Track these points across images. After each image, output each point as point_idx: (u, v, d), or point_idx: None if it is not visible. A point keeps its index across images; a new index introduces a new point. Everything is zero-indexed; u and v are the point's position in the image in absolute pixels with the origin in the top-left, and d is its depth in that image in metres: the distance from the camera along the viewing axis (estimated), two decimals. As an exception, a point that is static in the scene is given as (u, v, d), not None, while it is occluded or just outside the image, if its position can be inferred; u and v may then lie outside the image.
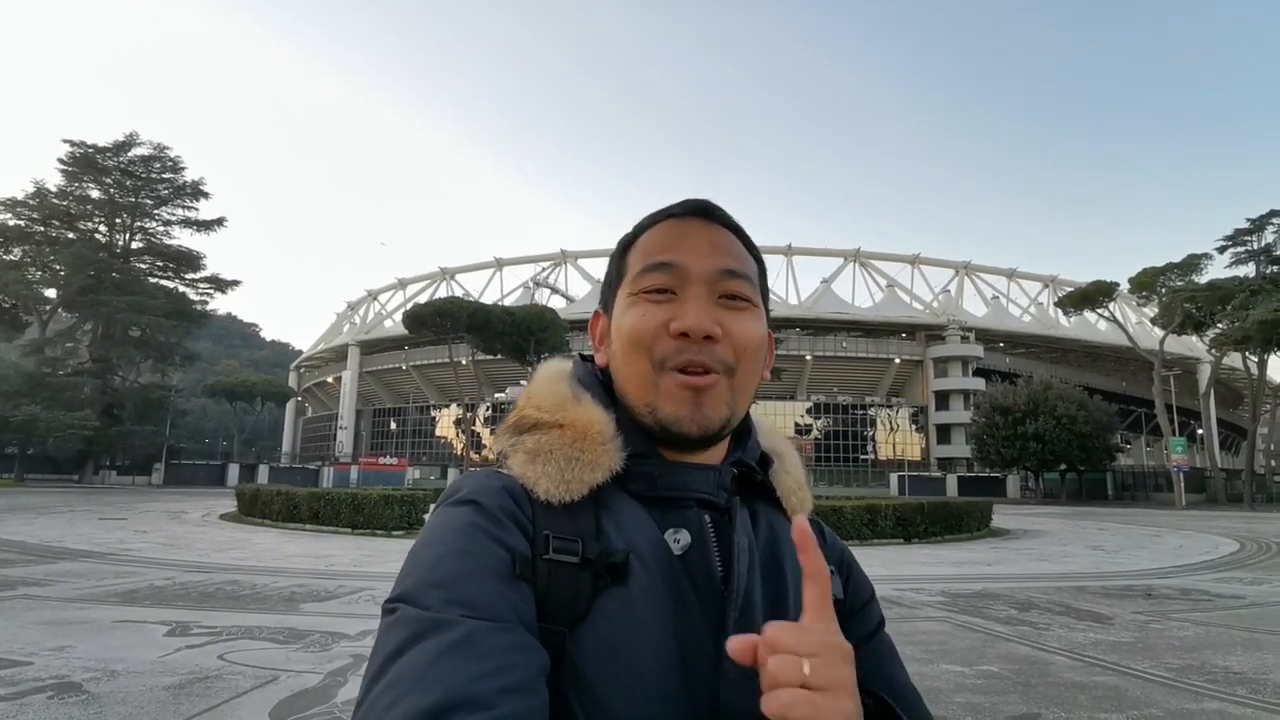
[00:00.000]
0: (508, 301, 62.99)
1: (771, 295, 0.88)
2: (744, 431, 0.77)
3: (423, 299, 58.75)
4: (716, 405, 0.69)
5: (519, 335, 45.22)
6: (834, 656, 0.51)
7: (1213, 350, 45.75)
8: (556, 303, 67.38)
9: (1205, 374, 55.61)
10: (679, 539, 0.67)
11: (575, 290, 74.28)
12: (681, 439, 0.69)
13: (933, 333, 63.65)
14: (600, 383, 0.76)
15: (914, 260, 72.44)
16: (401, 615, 0.57)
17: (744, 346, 0.70)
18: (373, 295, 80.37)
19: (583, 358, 0.82)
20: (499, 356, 50.69)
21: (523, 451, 0.70)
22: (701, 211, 0.75)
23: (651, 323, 0.69)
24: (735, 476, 0.74)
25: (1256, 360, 42.24)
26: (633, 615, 0.62)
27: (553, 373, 0.78)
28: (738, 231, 0.76)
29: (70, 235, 43.10)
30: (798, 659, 0.50)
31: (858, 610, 0.77)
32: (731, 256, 0.73)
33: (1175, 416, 43.38)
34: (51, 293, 43.47)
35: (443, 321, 44.87)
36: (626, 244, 0.78)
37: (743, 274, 0.73)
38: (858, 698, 0.52)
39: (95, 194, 43.64)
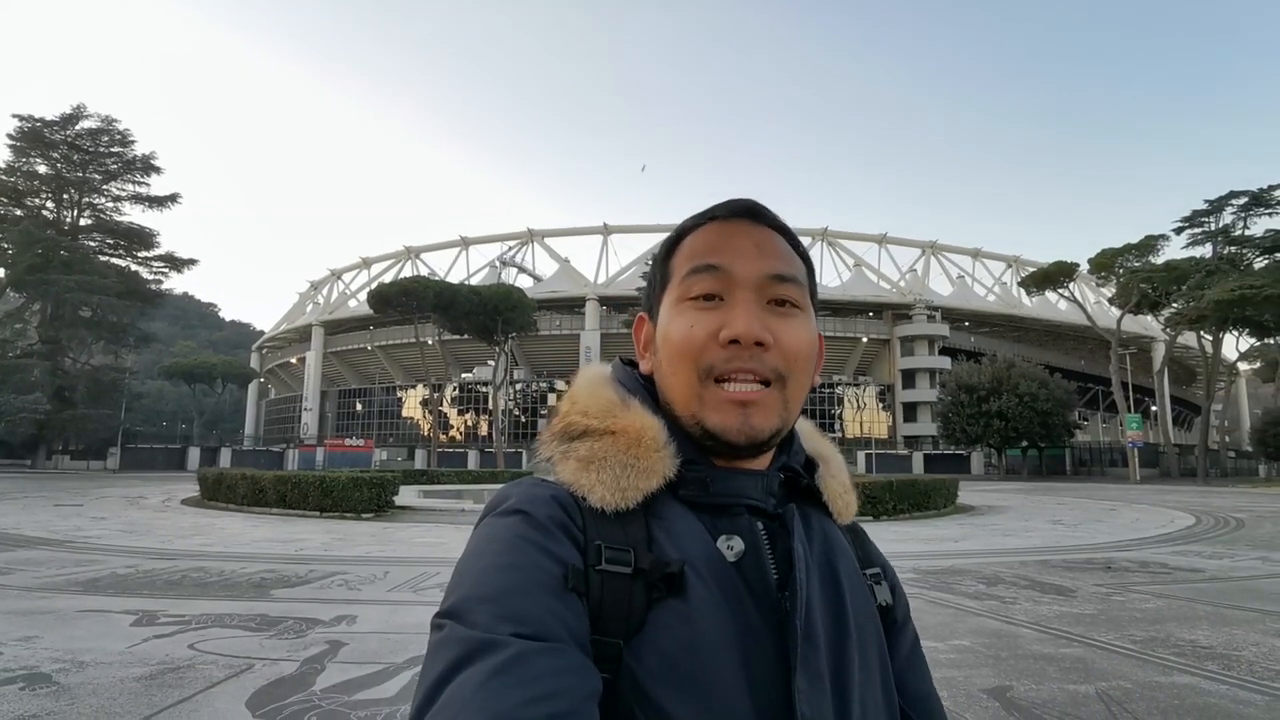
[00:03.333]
0: (474, 281, 62.03)
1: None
2: (788, 437, 0.76)
3: (387, 278, 57.80)
4: (766, 416, 0.67)
5: (486, 315, 44.74)
6: None
7: (1168, 329, 47.13)
8: (524, 282, 66.61)
9: (1160, 352, 57.23)
10: (732, 545, 0.66)
11: (543, 269, 73.63)
12: (729, 448, 0.68)
13: (900, 312, 64.47)
14: (644, 388, 0.75)
15: (881, 239, 73.07)
16: (450, 634, 0.56)
17: (795, 355, 0.69)
18: (336, 274, 78.74)
19: (624, 361, 0.80)
20: (466, 336, 50.14)
21: (575, 459, 0.68)
22: (747, 213, 0.74)
23: (701, 332, 0.68)
24: (782, 482, 0.74)
25: (1211, 339, 43.59)
26: (693, 627, 0.60)
27: (595, 378, 0.76)
28: (784, 231, 0.75)
29: (17, 212, 41.34)
30: None
31: (902, 623, 0.79)
32: (780, 259, 0.71)
33: (1131, 394, 44.80)
34: (-2, 272, 41.89)
35: (408, 301, 44.21)
36: (670, 246, 0.76)
37: (791, 277, 0.71)
38: None
39: (42, 169, 41.91)
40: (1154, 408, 53.95)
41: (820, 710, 0.60)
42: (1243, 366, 65.29)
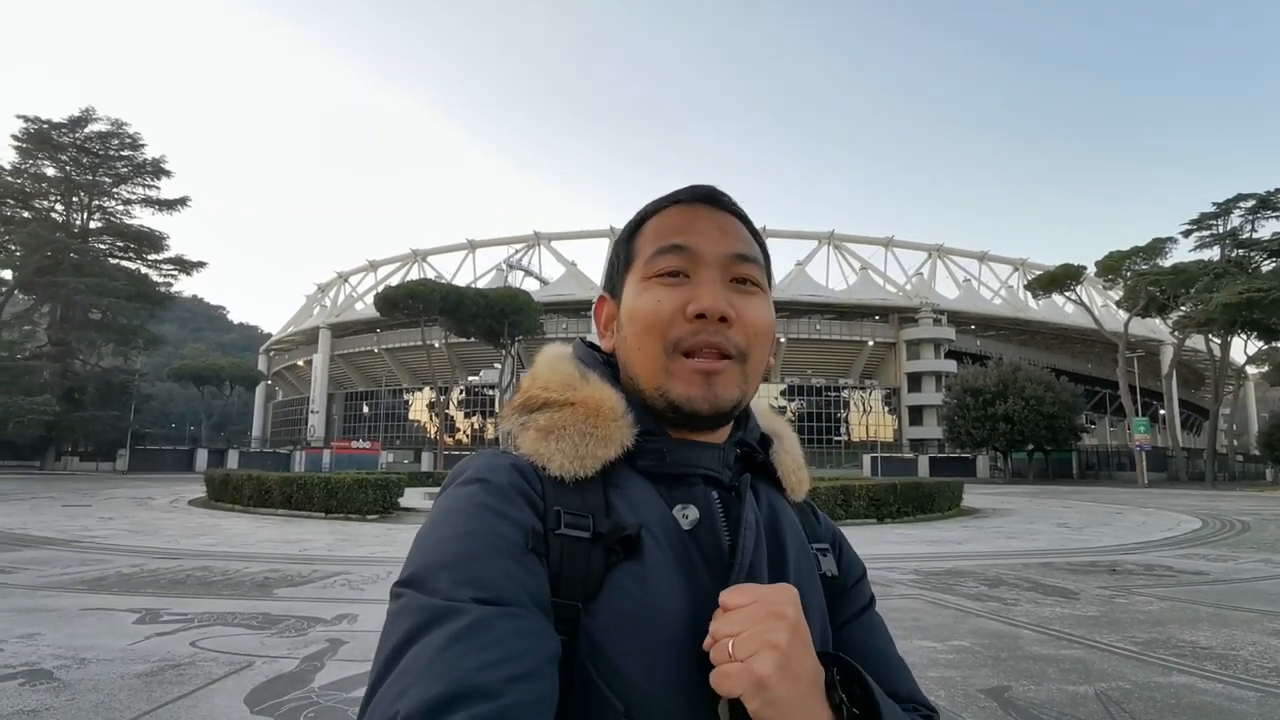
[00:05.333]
0: (481, 284, 62.30)
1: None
2: (744, 414, 0.79)
3: (394, 281, 57.89)
4: (728, 387, 0.70)
5: (492, 318, 44.83)
6: (758, 626, 0.56)
7: (1176, 332, 46.89)
8: (530, 285, 66.82)
9: (1168, 355, 56.95)
10: (687, 514, 0.68)
11: (549, 273, 73.71)
12: (694, 418, 0.70)
13: (905, 315, 64.27)
14: (602, 363, 0.77)
15: (887, 243, 72.85)
16: (408, 602, 0.57)
17: (755, 331, 0.72)
18: (343, 277, 79.03)
19: (585, 343, 0.82)
20: (472, 339, 50.23)
21: (534, 429, 0.70)
22: (708, 198, 0.76)
23: (668, 307, 0.70)
24: (739, 456, 0.76)
25: (1219, 342, 43.32)
26: (647, 588, 0.62)
27: (555, 355, 0.78)
28: (743, 218, 0.77)
29: (25, 214, 41.62)
30: (725, 642, 0.56)
31: (850, 587, 0.81)
32: (741, 241, 0.74)
33: (1138, 397, 44.43)
34: (7, 274, 42.08)
35: (415, 304, 44.28)
36: (633, 228, 0.78)
37: (753, 258, 0.74)
38: (781, 639, 0.55)
39: (51, 171, 42.21)
40: (1162, 411, 53.62)
41: None
42: (1251, 370, 64.79)
